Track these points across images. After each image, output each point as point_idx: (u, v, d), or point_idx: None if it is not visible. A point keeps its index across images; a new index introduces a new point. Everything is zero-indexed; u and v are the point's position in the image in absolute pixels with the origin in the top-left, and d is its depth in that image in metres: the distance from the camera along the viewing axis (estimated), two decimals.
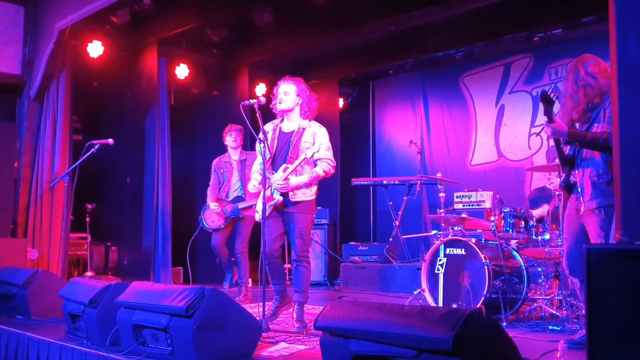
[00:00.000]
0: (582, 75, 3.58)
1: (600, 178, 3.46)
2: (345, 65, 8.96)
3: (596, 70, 3.56)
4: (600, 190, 3.45)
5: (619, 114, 2.07)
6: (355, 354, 2.67)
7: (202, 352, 3.21)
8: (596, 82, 3.53)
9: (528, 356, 3.31)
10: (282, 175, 4.25)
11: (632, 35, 2.03)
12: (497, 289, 4.79)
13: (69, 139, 6.93)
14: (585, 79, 3.55)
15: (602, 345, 1.97)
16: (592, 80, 3.54)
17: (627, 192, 2.04)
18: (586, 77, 3.55)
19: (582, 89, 3.56)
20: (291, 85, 4.38)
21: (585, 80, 3.55)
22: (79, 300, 4.08)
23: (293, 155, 4.30)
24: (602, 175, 3.46)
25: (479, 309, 2.39)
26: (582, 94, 3.56)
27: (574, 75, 3.62)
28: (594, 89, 3.53)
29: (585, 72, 3.57)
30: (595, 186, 3.47)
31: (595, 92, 3.53)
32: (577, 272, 3.62)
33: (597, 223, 3.42)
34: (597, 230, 3.41)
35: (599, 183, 3.46)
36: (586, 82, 3.55)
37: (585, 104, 3.56)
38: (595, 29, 6.87)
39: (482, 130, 8.41)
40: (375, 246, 7.99)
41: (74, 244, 7.57)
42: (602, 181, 3.45)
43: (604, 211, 3.39)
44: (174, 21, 7.26)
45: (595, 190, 3.47)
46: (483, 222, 5.60)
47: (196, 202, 8.66)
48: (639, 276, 1.94)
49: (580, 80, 3.57)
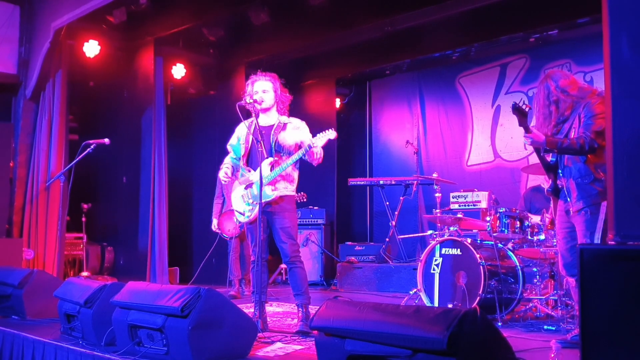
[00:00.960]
0: (553, 90, 3.68)
1: (584, 179, 3.53)
2: (342, 66, 8.96)
3: (566, 83, 3.67)
4: (584, 191, 3.52)
5: (612, 115, 2.08)
6: (350, 354, 2.68)
7: (197, 352, 3.21)
8: (567, 96, 3.64)
9: (523, 356, 3.32)
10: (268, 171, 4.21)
11: (625, 36, 2.04)
12: (492, 288, 4.80)
13: (65, 139, 6.92)
14: (556, 94, 3.66)
15: (596, 344, 1.98)
16: (564, 95, 3.65)
17: (620, 193, 2.05)
18: (557, 92, 3.67)
19: (553, 104, 3.67)
20: (268, 82, 4.35)
21: (557, 95, 3.66)
22: (75, 300, 4.07)
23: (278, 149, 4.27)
24: (584, 176, 3.53)
25: (474, 309, 2.40)
26: (554, 108, 3.67)
27: (544, 90, 3.71)
28: (565, 102, 3.64)
29: (556, 86, 3.68)
30: (580, 187, 3.54)
31: (566, 105, 3.64)
32: (572, 272, 3.66)
33: (583, 223, 3.49)
34: (584, 231, 3.47)
35: (583, 184, 3.53)
36: (558, 97, 3.66)
37: (557, 118, 3.67)
38: (591, 30, 6.89)
39: (478, 131, 8.42)
40: (372, 246, 7.99)
41: (70, 244, 7.56)
42: (586, 182, 3.52)
43: (589, 211, 3.45)
44: (171, 21, 7.25)
45: (580, 192, 3.54)
46: (479, 222, 5.61)
47: (192, 202, 8.66)
48: (631, 275, 1.95)
49: (552, 95, 3.68)
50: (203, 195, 8.46)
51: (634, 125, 2.04)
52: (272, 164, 4.24)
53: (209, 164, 8.31)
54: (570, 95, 3.63)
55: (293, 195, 4.34)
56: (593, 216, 3.43)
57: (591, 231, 3.41)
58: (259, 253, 4.16)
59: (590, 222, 3.44)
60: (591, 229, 3.41)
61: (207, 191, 8.37)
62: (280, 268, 8.05)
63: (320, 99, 9.30)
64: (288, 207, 4.28)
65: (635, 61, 2.05)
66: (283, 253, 4.30)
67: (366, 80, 9.86)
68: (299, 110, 7.43)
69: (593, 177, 3.50)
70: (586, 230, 3.45)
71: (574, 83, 3.70)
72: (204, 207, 8.35)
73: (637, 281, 1.94)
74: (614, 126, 2.07)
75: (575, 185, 3.57)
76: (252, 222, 4.30)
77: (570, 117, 3.64)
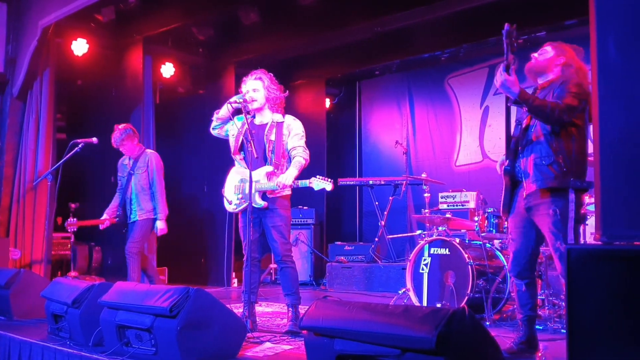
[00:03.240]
0: (568, 56, 3.52)
1: (543, 160, 3.35)
2: (331, 66, 8.97)
3: (581, 66, 3.53)
4: (540, 172, 3.35)
5: (598, 115, 2.10)
6: (339, 354, 2.68)
7: (186, 352, 3.20)
8: (573, 70, 3.47)
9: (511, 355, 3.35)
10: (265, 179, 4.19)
11: (612, 38, 2.06)
12: (480, 288, 4.82)
13: (53, 138, 6.86)
14: (569, 61, 3.50)
15: (582, 342, 2.00)
16: (571, 66, 3.49)
17: (607, 193, 2.07)
18: (570, 59, 3.51)
19: (560, 65, 3.50)
20: (258, 81, 4.33)
21: (568, 61, 3.50)
22: (62, 301, 4.05)
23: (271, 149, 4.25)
24: (544, 157, 3.35)
25: (462, 309, 2.41)
26: (560, 70, 3.49)
27: (558, 51, 3.54)
28: (570, 73, 3.46)
29: (571, 55, 3.53)
30: (537, 168, 3.36)
31: (566, 76, 3.45)
32: (523, 274, 3.53)
33: (550, 224, 3.31)
34: (552, 230, 3.31)
35: (541, 165, 3.35)
36: (567, 62, 3.50)
37: (551, 81, 3.50)
38: (578, 32, 6.92)
39: (466, 131, 8.46)
40: (361, 246, 8.01)
41: (57, 244, 7.51)
42: (545, 163, 3.34)
43: (559, 212, 3.28)
44: (160, 20, 7.22)
45: (536, 172, 3.36)
46: (467, 222, 5.64)
47: (182, 201, 8.62)
48: (617, 275, 1.97)
49: (565, 60, 3.51)
50: (191, 194, 8.44)
51: (620, 125, 2.06)
52: (269, 174, 4.21)
53: (198, 163, 8.30)
54: (574, 70, 3.47)
55: (287, 195, 4.33)
56: (563, 217, 3.27)
57: (563, 233, 3.27)
58: (249, 252, 4.15)
59: (560, 223, 3.28)
60: (562, 229, 3.27)
61: (196, 190, 8.36)
62: (270, 268, 8.05)
63: (310, 99, 9.31)
64: (283, 207, 4.28)
65: (622, 63, 2.07)
66: (274, 252, 4.31)
67: (356, 80, 9.88)
68: (289, 110, 7.39)
69: (553, 159, 3.32)
70: (554, 229, 3.29)
71: (586, 76, 3.49)
72: (192, 206, 8.34)
73: (623, 281, 1.96)
74: (601, 127, 2.09)
75: (533, 165, 3.38)
76: (242, 213, 4.31)
77: (547, 88, 3.48)
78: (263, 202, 4.18)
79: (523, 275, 3.54)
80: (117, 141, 5.77)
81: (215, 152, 7.29)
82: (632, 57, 2.05)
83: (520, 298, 3.57)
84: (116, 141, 5.77)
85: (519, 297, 3.58)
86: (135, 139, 5.87)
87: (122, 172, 5.96)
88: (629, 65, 2.06)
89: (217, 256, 7.81)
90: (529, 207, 3.44)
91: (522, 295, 3.55)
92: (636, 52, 2.04)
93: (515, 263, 3.56)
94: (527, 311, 3.53)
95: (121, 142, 5.77)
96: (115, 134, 5.76)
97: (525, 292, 3.54)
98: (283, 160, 4.28)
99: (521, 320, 3.56)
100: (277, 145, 4.26)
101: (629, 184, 2.04)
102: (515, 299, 3.64)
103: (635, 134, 2.03)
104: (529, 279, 3.55)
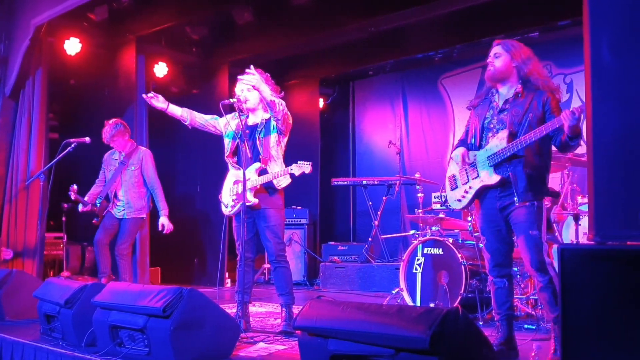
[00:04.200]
0: (520, 53, 3.51)
1: (538, 171, 3.36)
2: (325, 66, 8.97)
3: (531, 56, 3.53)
4: (534, 184, 3.34)
5: (592, 117, 2.11)
6: (333, 354, 2.68)
7: (179, 352, 3.19)
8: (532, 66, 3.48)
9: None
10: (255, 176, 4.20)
11: (605, 39, 2.07)
12: (473, 288, 4.84)
13: (45, 137, 6.83)
14: (524, 58, 3.50)
15: (576, 341, 2.01)
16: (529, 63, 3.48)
17: (600, 194, 2.08)
18: (522, 54, 3.51)
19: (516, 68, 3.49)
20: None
21: (523, 58, 3.50)
22: (55, 301, 4.03)
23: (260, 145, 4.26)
24: (539, 169, 3.37)
25: (456, 308, 2.42)
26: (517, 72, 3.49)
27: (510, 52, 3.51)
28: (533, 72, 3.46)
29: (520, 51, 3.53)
30: (531, 179, 3.34)
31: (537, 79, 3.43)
32: (502, 271, 3.53)
33: (526, 215, 3.32)
34: (527, 220, 3.32)
35: (535, 176, 3.35)
36: (523, 59, 3.49)
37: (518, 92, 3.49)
38: (571, 32, 6.97)
39: (460, 132, 8.46)
40: (355, 246, 8.01)
41: (50, 244, 7.46)
42: (536, 175, 3.35)
43: (536, 204, 3.31)
44: (153, 19, 7.20)
45: (530, 183, 3.34)
46: (460, 222, 5.66)
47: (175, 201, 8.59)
48: (610, 275, 1.98)
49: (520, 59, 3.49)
50: (185, 194, 8.42)
51: (614, 127, 2.07)
52: (259, 170, 4.22)
53: (191, 163, 8.28)
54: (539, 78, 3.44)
55: (279, 194, 4.33)
56: (539, 210, 3.31)
57: (538, 224, 3.29)
58: (243, 252, 4.15)
59: (537, 215, 3.31)
60: (538, 222, 3.30)
61: (189, 190, 8.34)
62: (263, 268, 8.04)
63: (304, 98, 9.30)
64: (276, 206, 4.28)
65: (615, 64, 2.08)
66: (268, 252, 4.31)
67: (350, 80, 9.88)
68: None
69: (542, 172, 3.38)
70: (532, 223, 3.30)
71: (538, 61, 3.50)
72: (185, 206, 8.31)
73: (616, 280, 1.97)
74: (595, 128, 2.10)
75: (525, 176, 3.34)
76: (236, 215, 4.30)
77: (528, 103, 3.38)
78: (255, 200, 4.18)
79: (502, 272, 3.53)
80: (107, 137, 5.74)
81: (209, 151, 7.28)
82: (626, 59, 2.06)
83: (499, 297, 3.54)
84: (107, 137, 5.74)
85: (497, 296, 3.55)
86: (127, 134, 5.85)
87: (110, 165, 5.93)
88: (622, 67, 2.07)
89: (210, 256, 7.79)
90: (504, 206, 3.45)
91: (501, 293, 3.52)
92: (630, 54, 2.06)
93: (494, 261, 3.55)
94: (506, 310, 3.51)
95: (112, 137, 5.74)
96: (106, 129, 5.74)
97: (505, 289, 3.51)
98: (271, 152, 4.27)
99: (499, 320, 3.53)
100: (265, 141, 4.26)
101: (622, 185, 2.05)
102: (492, 299, 3.60)
103: (629, 136, 2.04)
104: (508, 275, 3.55)
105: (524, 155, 3.35)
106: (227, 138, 4.45)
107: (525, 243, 3.33)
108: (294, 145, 4.74)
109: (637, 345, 1.88)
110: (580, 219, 4.94)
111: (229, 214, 4.41)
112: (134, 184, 5.77)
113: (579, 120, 3.09)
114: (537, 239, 3.29)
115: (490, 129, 3.56)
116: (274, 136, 4.30)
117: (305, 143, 8.69)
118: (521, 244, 3.37)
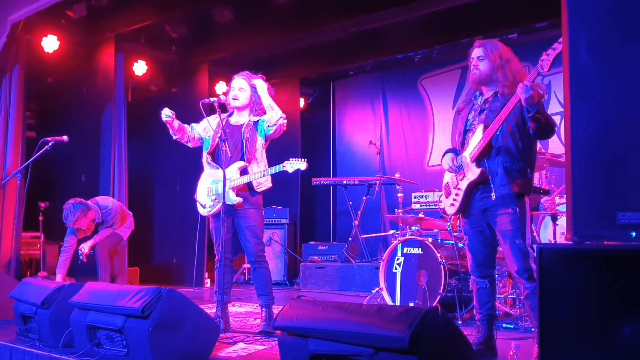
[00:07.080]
0: (501, 54, 3.52)
1: (514, 165, 3.33)
2: (306, 65, 8.97)
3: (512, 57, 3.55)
4: (511, 177, 3.31)
5: (570, 117, 2.13)
6: (313, 353, 2.68)
7: (158, 353, 3.17)
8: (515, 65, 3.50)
9: None
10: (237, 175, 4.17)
11: (583, 41, 2.10)
12: (452, 287, 4.87)
13: (22, 136, 6.74)
14: (505, 58, 3.51)
15: (554, 340, 2.03)
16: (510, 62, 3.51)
17: (578, 194, 2.11)
18: (503, 54, 3.53)
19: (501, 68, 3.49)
20: (245, 80, 4.35)
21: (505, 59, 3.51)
22: (31, 301, 3.98)
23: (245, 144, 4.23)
24: (515, 162, 3.33)
25: (435, 308, 2.43)
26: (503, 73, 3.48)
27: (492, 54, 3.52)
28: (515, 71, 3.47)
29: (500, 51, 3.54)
30: (508, 173, 3.32)
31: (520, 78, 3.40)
32: (485, 272, 3.53)
33: (510, 223, 3.32)
34: (511, 228, 3.32)
35: (512, 170, 3.33)
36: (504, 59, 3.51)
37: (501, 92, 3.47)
38: (549, 34, 7.04)
39: (439, 132, 8.53)
40: (335, 246, 8.02)
41: (26, 244, 7.36)
42: (515, 168, 3.33)
43: (518, 211, 3.32)
44: (132, 17, 7.13)
45: (508, 177, 3.32)
46: (439, 222, 5.69)
47: (153, 201, 8.54)
48: (588, 274, 2.01)
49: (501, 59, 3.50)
50: (164, 194, 8.36)
51: (591, 127, 2.10)
52: (241, 168, 4.19)
53: (170, 162, 8.22)
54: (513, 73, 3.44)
55: (259, 195, 4.31)
56: (522, 216, 3.32)
57: (522, 231, 3.30)
58: (222, 253, 4.12)
59: (520, 222, 3.31)
60: (522, 230, 3.30)
61: (168, 190, 8.28)
62: (243, 268, 8.01)
63: (285, 98, 9.28)
64: (256, 206, 4.26)
65: (593, 65, 2.11)
66: (247, 252, 4.28)
67: (330, 80, 9.89)
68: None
69: (521, 165, 3.33)
70: (517, 230, 3.30)
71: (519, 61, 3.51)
72: (164, 206, 8.26)
73: (593, 280, 2.00)
74: (572, 129, 2.12)
75: (503, 168, 3.33)
76: (215, 215, 4.27)
77: (507, 99, 3.34)
78: (237, 199, 4.15)
79: (484, 273, 3.54)
80: (69, 220, 5.69)
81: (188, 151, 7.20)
82: (604, 60, 2.09)
83: (480, 297, 3.55)
84: (68, 220, 5.68)
85: (479, 296, 3.55)
86: (90, 213, 5.83)
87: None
88: (600, 68, 2.10)
89: (189, 256, 7.73)
90: (485, 208, 3.45)
91: (483, 293, 3.53)
92: (607, 55, 2.08)
93: (476, 262, 3.56)
94: (487, 311, 3.51)
95: (74, 222, 5.71)
96: (66, 211, 5.69)
97: (487, 289, 3.52)
98: (256, 154, 4.26)
99: (480, 320, 3.53)
100: (251, 141, 4.24)
101: (600, 185, 2.08)
102: (474, 299, 3.61)
103: (606, 136, 2.07)
104: (491, 276, 3.57)
105: (502, 146, 3.34)
106: (208, 136, 4.42)
107: (512, 251, 3.33)
108: (275, 145, 4.72)
109: (613, 345, 1.91)
110: (557, 219, 5.00)
111: (207, 214, 4.36)
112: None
113: (532, 91, 3.10)
114: (523, 247, 3.31)
115: (470, 130, 3.59)
116: (260, 139, 4.29)
117: (286, 143, 8.64)
118: (507, 252, 3.37)
